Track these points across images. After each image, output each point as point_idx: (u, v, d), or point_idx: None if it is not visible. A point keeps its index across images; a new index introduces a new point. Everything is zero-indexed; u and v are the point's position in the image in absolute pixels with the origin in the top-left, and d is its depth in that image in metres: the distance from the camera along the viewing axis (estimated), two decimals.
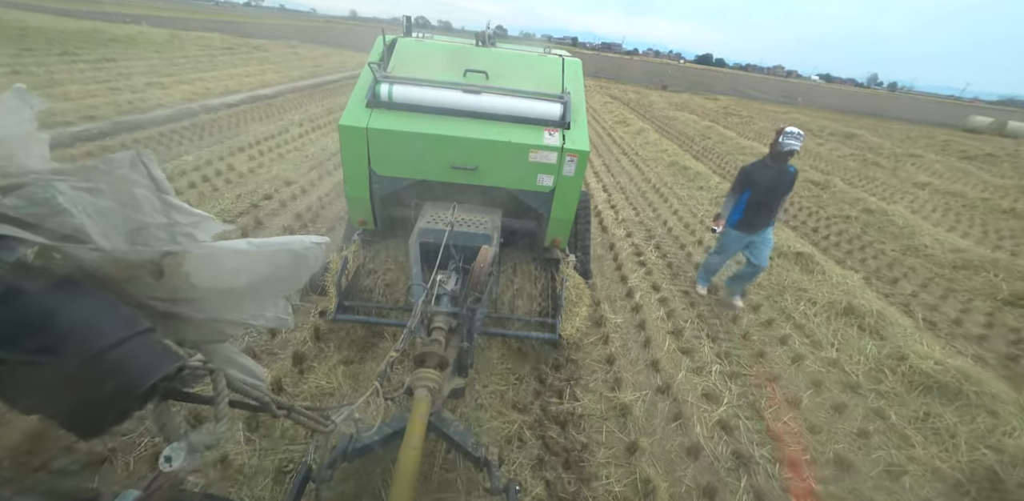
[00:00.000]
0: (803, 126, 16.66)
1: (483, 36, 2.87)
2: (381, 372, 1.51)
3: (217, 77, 11.56)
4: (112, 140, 6.01)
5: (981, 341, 3.73)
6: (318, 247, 0.93)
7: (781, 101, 29.60)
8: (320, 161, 6.29)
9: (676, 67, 74.27)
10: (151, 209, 0.78)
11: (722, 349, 3.18)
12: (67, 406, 0.64)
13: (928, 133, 19.37)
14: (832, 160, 10.94)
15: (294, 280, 0.95)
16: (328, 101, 10.91)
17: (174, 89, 9.35)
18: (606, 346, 3.02)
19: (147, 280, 0.75)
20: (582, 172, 2.45)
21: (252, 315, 0.92)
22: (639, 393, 2.65)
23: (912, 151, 13.27)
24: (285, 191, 5.08)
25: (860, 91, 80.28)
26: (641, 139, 10.23)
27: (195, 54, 15.24)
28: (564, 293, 2.63)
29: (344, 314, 2.51)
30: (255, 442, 2.05)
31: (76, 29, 16.19)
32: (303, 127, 7.97)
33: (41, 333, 0.62)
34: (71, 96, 7.63)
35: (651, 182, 7.10)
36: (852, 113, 26.42)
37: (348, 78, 14.78)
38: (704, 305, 3.72)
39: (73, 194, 0.68)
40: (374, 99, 2.35)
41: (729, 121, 15.34)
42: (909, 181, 9.39)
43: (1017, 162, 13.50)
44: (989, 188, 9.65)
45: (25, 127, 0.73)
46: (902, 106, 42.24)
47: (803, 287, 4.02)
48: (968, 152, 14.26)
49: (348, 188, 2.54)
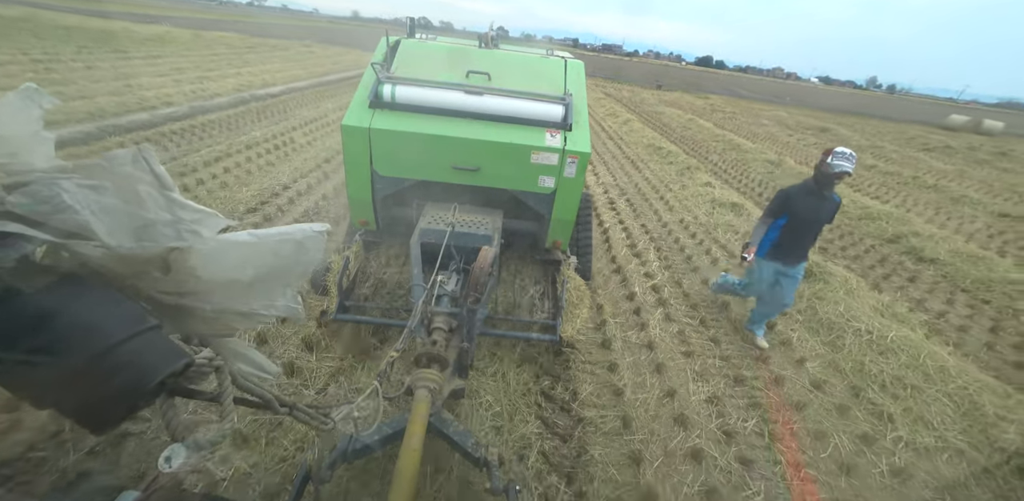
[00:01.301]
0: (782, 122, 18.08)
1: (486, 38, 2.92)
2: (381, 372, 1.50)
3: (252, 72, 13.01)
4: (194, 121, 7.45)
5: (857, 259, 5.17)
6: (319, 235, 0.94)
7: (769, 100, 30.98)
8: None
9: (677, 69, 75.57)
10: (155, 206, 0.77)
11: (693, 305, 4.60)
12: (77, 401, 0.66)
13: (902, 129, 20.79)
14: (795, 147, 12.39)
15: (298, 269, 0.95)
16: (353, 93, 12.35)
17: (222, 82, 10.78)
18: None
19: (155, 275, 0.76)
20: (583, 174, 2.45)
21: (264, 305, 0.92)
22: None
23: (876, 143, 14.73)
24: (338, 157, 6.54)
25: (857, 93, 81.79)
26: (627, 128, 11.68)
27: (224, 52, 16.69)
28: (565, 295, 2.62)
29: (345, 314, 2.49)
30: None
31: (110, 29, 17.55)
32: (340, 112, 9.43)
33: (48, 330, 0.63)
34: (145, 86, 9.06)
35: (630, 159, 8.56)
36: (838, 112, 27.82)
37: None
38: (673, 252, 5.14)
39: (78, 191, 0.68)
40: (377, 99, 2.36)
41: (713, 116, 16.77)
42: (859, 164, 10.81)
43: (972, 154, 14.91)
44: (930, 172, 11.07)
45: (32, 126, 0.72)
46: (892, 107, 43.60)
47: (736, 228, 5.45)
48: (929, 145, 15.68)
49: (350, 188, 2.53)
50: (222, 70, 12.65)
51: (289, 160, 6.15)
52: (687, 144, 10.81)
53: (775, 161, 9.15)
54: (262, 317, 0.92)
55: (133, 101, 7.58)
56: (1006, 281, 4.66)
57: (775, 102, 30.17)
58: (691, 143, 11.01)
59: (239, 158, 5.89)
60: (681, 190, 6.77)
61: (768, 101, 30.18)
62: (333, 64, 18.11)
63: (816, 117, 21.46)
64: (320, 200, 4.96)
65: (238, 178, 5.27)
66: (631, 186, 6.84)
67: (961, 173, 11.32)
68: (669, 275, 4.16)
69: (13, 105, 0.72)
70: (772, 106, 26.58)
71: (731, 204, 6.02)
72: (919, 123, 26.07)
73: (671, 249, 4.76)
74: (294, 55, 19.22)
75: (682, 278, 4.14)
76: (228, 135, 7.00)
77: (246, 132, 7.25)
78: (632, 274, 4.05)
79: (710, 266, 4.45)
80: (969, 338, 3.83)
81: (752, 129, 14.77)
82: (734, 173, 8.62)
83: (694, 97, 24.18)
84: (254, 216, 4.37)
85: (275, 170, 5.70)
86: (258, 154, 6.18)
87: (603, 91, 20.99)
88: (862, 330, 3.42)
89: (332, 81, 14.01)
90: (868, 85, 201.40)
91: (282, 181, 5.31)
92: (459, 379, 1.85)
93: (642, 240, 4.86)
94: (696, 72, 73.88)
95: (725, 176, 8.34)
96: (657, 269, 4.23)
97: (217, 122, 7.62)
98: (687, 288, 3.96)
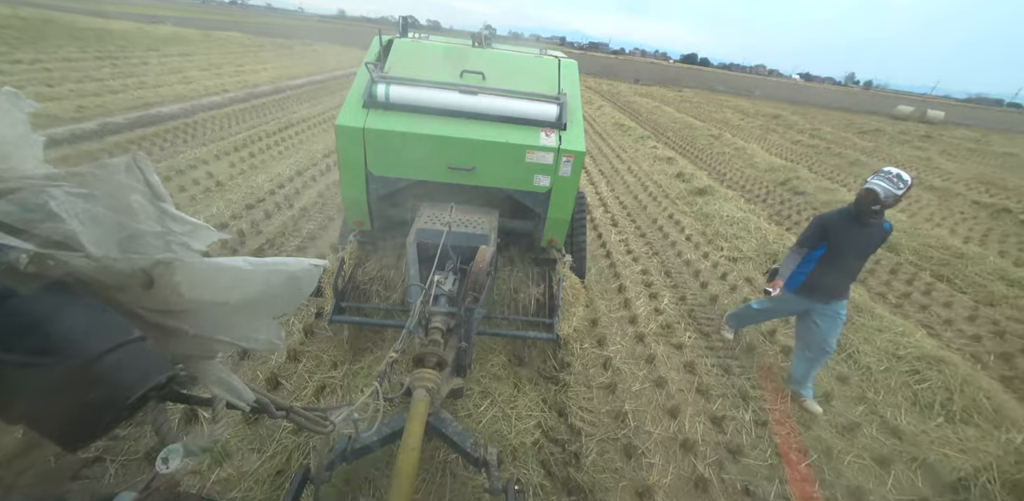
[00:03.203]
0: (742, 111, 20.25)
1: (479, 37, 2.93)
2: (380, 372, 1.51)
3: (275, 67, 14.87)
4: (250, 103, 9.36)
5: (752, 192, 7.33)
6: (315, 270, 0.92)
7: (740, 93, 33.34)
8: None
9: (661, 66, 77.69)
10: (145, 216, 0.76)
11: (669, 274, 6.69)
12: (52, 416, 0.63)
13: (851, 117, 23.22)
14: (740, 127, 14.62)
15: (288, 302, 0.93)
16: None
17: (254, 75, 12.65)
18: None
19: (137, 289, 0.73)
20: (578, 173, 2.47)
21: (243, 337, 0.89)
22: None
23: (817, 126, 17.01)
24: None
25: (833, 89, 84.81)
26: (599, 112, 13.82)
27: (239, 50, 18.42)
28: (561, 293, 2.65)
29: (341, 316, 2.50)
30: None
31: (125, 30, 18.77)
32: None
33: (27, 339, 0.61)
34: (196, 80, 10.92)
35: (598, 133, 10.68)
36: (801, 104, 30.23)
37: None
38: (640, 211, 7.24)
39: (66, 200, 0.67)
40: (371, 99, 2.35)
41: (680, 105, 18.99)
42: (787, 139, 13.08)
43: (899, 136, 17.30)
44: (847, 145, 13.36)
45: (18, 129, 0.72)
46: (858, 100, 46.43)
47: (665, 171, 7.57)
48: (862, 128, 18.08)
49: (344, 189, 2.52)
50: (249, 66, 14.47)
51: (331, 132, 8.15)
52: (647, 124, 12.99)
53: (715, 134, 11.34)
54: (238, 347, 0.89)
55: (200, 88, 9.49)
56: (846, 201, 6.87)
57: (745, 95, 32.53)
58: (651, 123, 13.19)
59: (300, 128, 7.86)
60: (634, 152, 8.90)
61: (738, 94, 32.54)
62: (339, 62, 19.94)
63: (778, 107, 23.78)
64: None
65: (301, 141, 7.25)
66: (595, 150, 8.95)
67: (876, 149, 13.63)
68: (613, 195, 6.26)
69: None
70: (738, 98, 28.92)
71: (667, 158, 8.18)
72: (872, 113, 28.58)
73: (617, 181, 6.88)
74: (300, 53, 21.01)
75: (620, 195, 6.25)
76: (282, 113, 8.95)
77: (294, 111, 9.20)
78: (589, 194, 6.15)
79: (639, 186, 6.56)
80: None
81: (710, 115, 16.98)
82: (679, 142, 10.84)
83: (668, 90, 26.44)
84: (329, 158, 6.35)
85: (327, 136, 7.66)
86: (310, 126, 8.16)
87: (584, 85, 23.13)
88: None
89: (341, 76, 15.90)
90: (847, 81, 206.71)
91: (330, 145, 7.29)
92: (457, 378, 1.87)
93: (598, 177, 6.97)
94: (680, 69, 76.25)
95: (671, 144, 10.52)
96: (605, 189, 6.35)
97: (269, 105, 9.56)
98: (623, 201, 6.07)
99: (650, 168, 7.78)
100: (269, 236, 4.04)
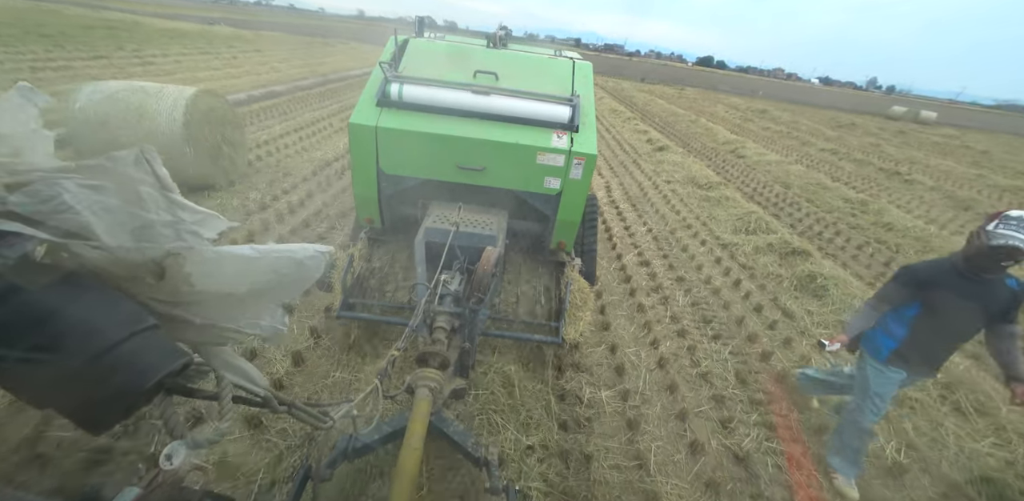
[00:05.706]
0: (734, 106, 22.27)
1: (494, 38, 2.98)
2: (382, 370, 1.52)
3: (335, 61, 17.80)
4: (331, 86, 12.20)
5: (711, 157, 9.87)
6: (321, 256, 0.94)
7: (742, 93, 34.96)
8: None
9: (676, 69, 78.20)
10: (156, 207, 0.78)
11: None
12: (75, 401, 0.67)
13: (837, 115, 25.12)
14: (723, 118, 17.01)
15: (294, 288, 0.95)
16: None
17: (319, 67, 15.54)
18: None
19: (148, 280, 0.76)
20: (589, 176, 2.46)
21: (248, 323, 0.91)
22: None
23: (798, 120, 19.25)
24: None
25: (854, 93, 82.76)
26: (599, 103, 16.29)
27: (294, 47, 21.39)
28: (568, 297, 2.64)
29: (348, 311, 2.54)
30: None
31: (196, 31, 20.30)
32: None
33: (47, 329, 0.64)
34: (281, 70, 13.80)
35: (597, 118, 13.30)
36: (800, 103, 31.25)
37: None
38: None
39: (79, 191, 0.68)
40: (384, 98, 2.37)
41: (676, 101, 21.41)
42: (759, 126, 15.50)
43: (875, 132, 19.26)
44: (811, 134, 15.64)
45: (30, 124, 0.73)
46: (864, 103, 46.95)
47: (643, 138, 10.16)
48: (840, 123, 20.26)
49: (356, 186, 2.56)
50: (310, 59, 17.40)
51: None
52: (639, 111, 15.59)
53: (693, 120, 13.91)
54: (244, 335, 0.91)
55: (287, 76, 12.37)
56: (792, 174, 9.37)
57: (746, 95, 34.16)
58: (643, 111, 15.78)
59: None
60: (621, 128, 11.53)
61: (739, 94, 34.10)
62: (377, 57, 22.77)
63: (771, 105, 25.82)
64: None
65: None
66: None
67: (837, 137, 15.89)
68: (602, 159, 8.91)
69: (11, 103, 0.74)
70: (738, 97, 30.45)
71: (643, 131, 10.86)
72: (868, 113, 29.72)
73: (602, 144, 9.53)
74: (342, 50, 23.96)
75: (603, 151, 8.87)
76: (357, 92, 11.77)
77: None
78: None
79: (618, 146, 9.15)
80: (752, 191, 8.52)
81: (702, 108, 19.36)
82: (660, 124, 13.46)
83: (669, 88, 28.69)
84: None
85: None
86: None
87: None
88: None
89: None
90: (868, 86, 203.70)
91: None
92: (460, 379, 1.88)
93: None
94: (694, 71, 76.86)
95: (653, 125, 13.12)
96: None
97: (341, 89, 12.42)
98: (604, 155, 8.68)
99: (630, 138, 10.41)
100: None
